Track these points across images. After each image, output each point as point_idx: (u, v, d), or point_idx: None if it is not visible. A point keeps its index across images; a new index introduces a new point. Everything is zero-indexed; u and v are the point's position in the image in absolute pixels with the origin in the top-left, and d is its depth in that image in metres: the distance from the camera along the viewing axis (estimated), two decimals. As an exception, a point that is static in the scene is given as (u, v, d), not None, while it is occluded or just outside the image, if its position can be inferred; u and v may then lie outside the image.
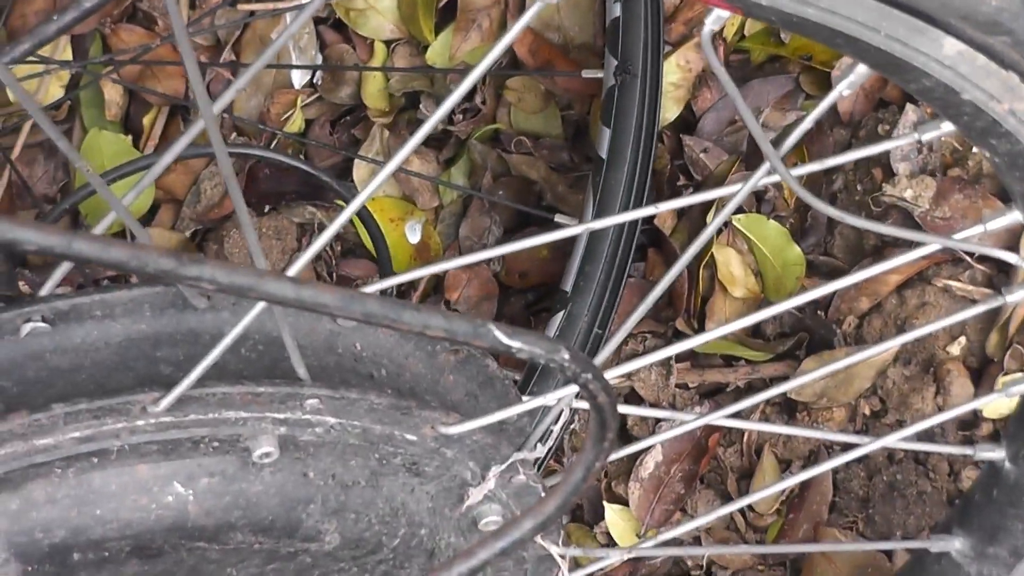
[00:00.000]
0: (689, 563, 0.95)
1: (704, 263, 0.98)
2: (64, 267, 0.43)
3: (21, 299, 0.53)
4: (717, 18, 0.38)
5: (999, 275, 0.92)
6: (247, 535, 0.45)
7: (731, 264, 0.97)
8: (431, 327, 0.30)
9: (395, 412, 0.45)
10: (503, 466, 0.48)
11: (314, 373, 0.44)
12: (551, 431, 0.55)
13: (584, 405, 0.50)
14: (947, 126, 0.46)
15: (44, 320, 0.43)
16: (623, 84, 0.95)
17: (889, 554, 0.91)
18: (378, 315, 0.30)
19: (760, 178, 0.45)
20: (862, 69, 0.40)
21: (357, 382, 0.46)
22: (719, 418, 0.57)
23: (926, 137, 0.47)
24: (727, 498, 0.96)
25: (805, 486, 0.93)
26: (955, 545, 0.62)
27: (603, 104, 0.97)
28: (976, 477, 0.66)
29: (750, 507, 0.95)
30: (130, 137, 1.09)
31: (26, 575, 0.42)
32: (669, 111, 1.03)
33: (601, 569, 0.90)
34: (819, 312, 0.96)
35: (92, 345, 0.43)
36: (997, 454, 0.59)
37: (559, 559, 0.51)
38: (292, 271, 0.42)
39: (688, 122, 1.05)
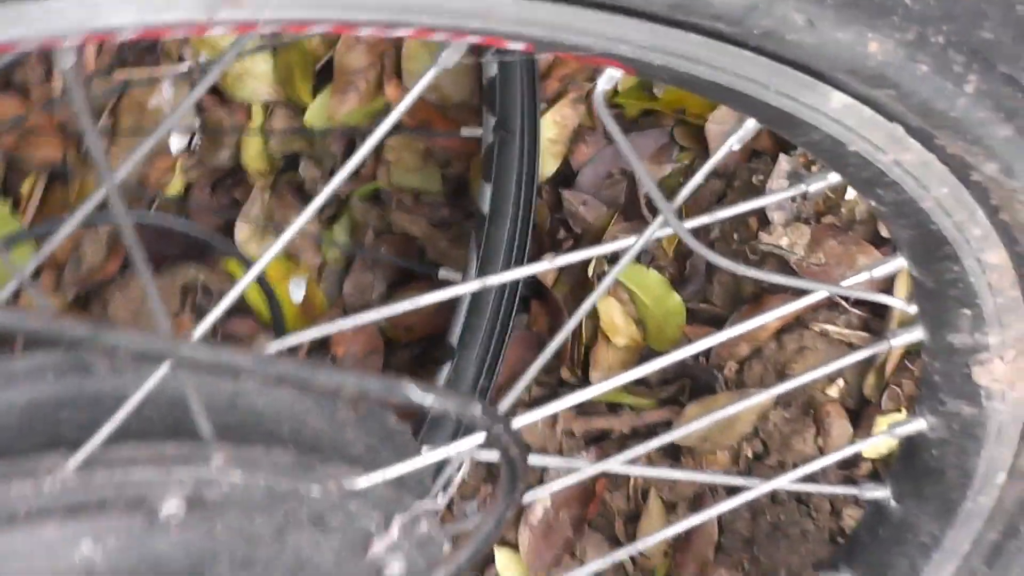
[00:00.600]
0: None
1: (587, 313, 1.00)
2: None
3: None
4: (610, 78, 0.39)
5: (874, 319, 0.97)
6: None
7: (613, 314, 1.00)
8: (346, 386, 0.31)
9: (299, 468, 0.46)
10: (406, 516, 0.48)
11: (218, 432, 0.44)
12: (451, 481, 0.56)
13: (486, 455, 0.51)
14: (833, 177, 0.48)
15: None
16: (502, 141, 0.98)
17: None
18: (293, 376, 0.30)
19: (654, 232, 0.47)
20: (751, 124, 0.43)
21: (260, 440, 0.46)
22: (616, 465, 0.58)
23: (813, 188, 0.50)
24: (615, 541, 0.98)
25: (691, 528, 0.96)
26: (843, 583, 0.65)
27: (483, 161, 0.99)
28: (861, 516, 0.69)
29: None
30: (9, 202, 1.07)
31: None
32: (547, 166, 1.05)
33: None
34: (700, 358, 0.99)
35: (-4, 412, 0.42)
36: (882, 493, 0.62)
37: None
38: (197, 334, 0.41)
39: (566, 176, 1.08)
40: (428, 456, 0.50)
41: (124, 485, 0.39)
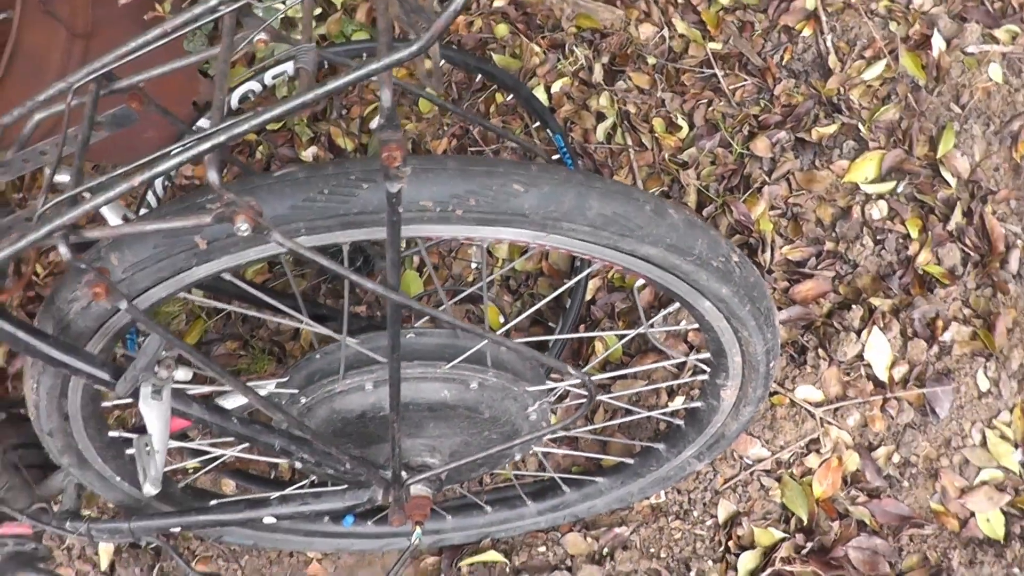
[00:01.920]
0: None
1: None
2: None
3: None
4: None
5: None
6: (463, 410, 1.41)
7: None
8: (525, 354, 1.28)
9: (513, 380, 1.43)
10: (541, 403, 1.46)
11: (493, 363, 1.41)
12: (555, 392, 1.54)
13: (573, 389, 1.50)
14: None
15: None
16: None
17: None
18: (490, 338, 1.28)
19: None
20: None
21: (494, 367, 1.44)
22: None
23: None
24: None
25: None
26: None
27: None
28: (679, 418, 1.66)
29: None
30: None
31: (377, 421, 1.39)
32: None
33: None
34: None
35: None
36: (679, 420, 1.60)
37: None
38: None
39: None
40: (550, 384, 1.47)
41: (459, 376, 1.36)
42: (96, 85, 1.12)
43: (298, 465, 1.53)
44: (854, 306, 1.85)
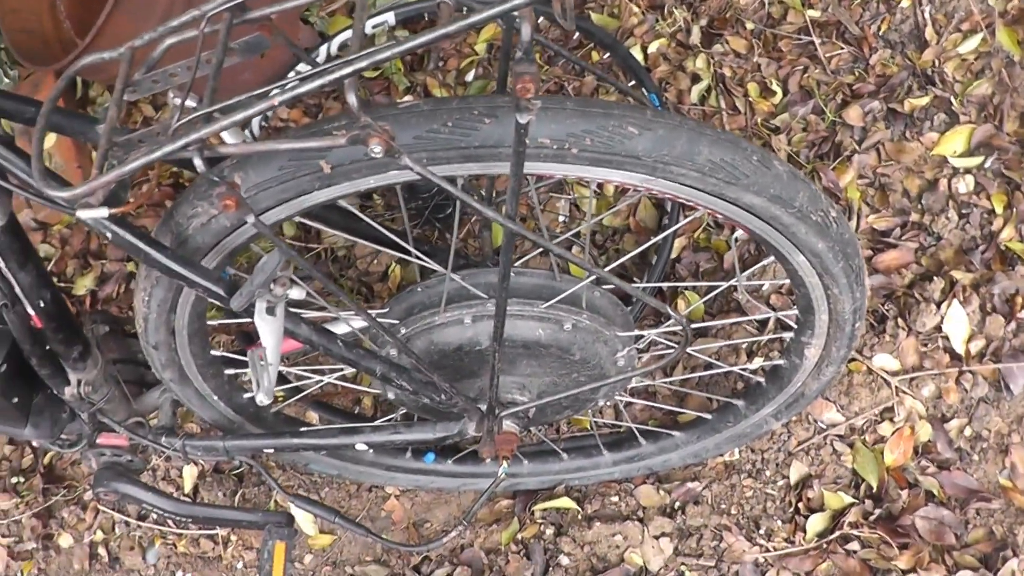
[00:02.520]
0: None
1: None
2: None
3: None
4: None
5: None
6: (556, 350, 1.46)
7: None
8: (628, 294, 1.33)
9: (604, 324, 1.47)
10: (629, 348, 1.50)
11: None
12: (644, 338, 1.57)
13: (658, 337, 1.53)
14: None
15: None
16: None
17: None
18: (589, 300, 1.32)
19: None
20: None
21: (588, 311, 1.48)
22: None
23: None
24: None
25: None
26: None
27: None
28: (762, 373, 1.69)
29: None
30: None
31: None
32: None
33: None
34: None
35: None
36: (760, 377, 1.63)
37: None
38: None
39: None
40: (636, 330, 1.51)
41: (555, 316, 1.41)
42: (230, 14, 1.16)
43: (390, 396, 1.59)
44: (935, 278, 1.86)
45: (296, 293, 1.28)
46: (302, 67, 2.26)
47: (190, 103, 1.16)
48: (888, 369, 1.84)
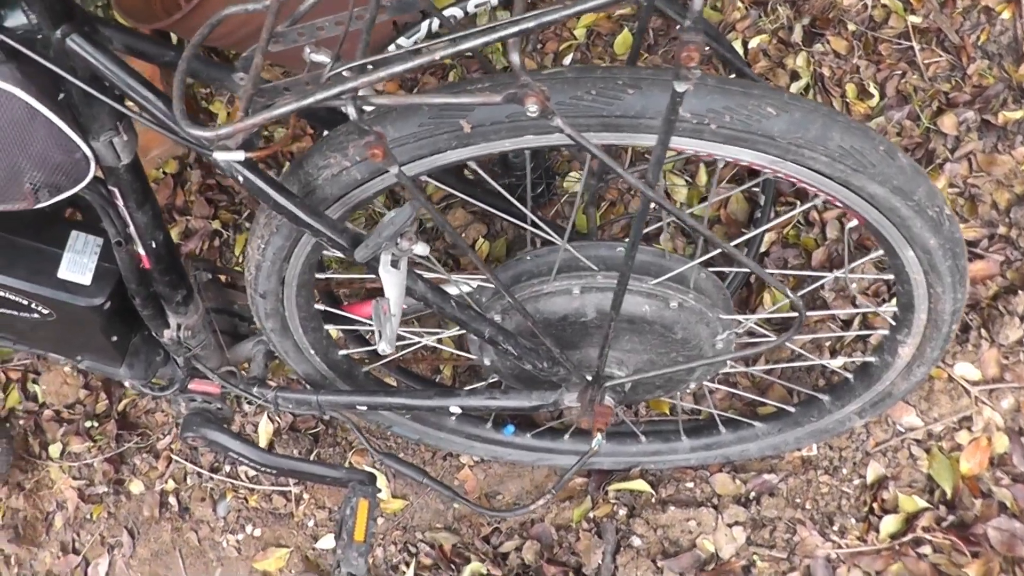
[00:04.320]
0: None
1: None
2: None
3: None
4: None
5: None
6: (659, 327, 1.48)
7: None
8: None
9: (705, 308, 1.49)
10: (726, 324, 1.52)
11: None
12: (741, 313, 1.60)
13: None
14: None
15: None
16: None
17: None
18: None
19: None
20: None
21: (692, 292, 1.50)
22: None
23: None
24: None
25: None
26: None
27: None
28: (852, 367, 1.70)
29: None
30: None
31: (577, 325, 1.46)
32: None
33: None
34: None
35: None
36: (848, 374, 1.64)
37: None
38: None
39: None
40: (735, 313, 1.53)
41: (663, 293, 1.44)
42: (385, -29, 1.19)
43: (486, 363, 1.61)
44: (1021, 292, 1.87)
45: (420, 249, 1.31)
46: (402, 41, 2.29)
47: (322, 58, 1.19)
48: (969, 378, 1.85)
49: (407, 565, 1.99)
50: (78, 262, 1.54)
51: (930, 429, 1.84)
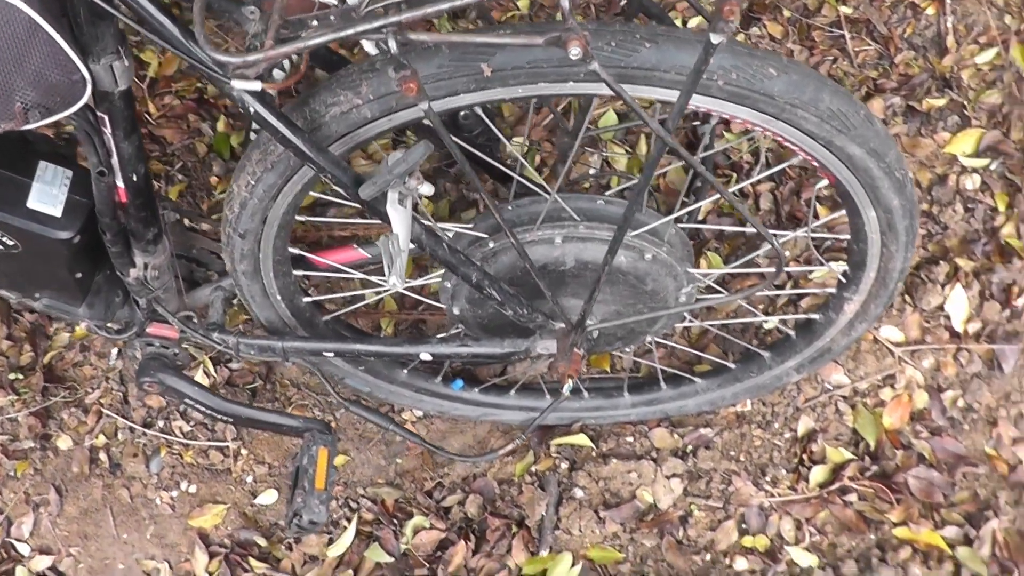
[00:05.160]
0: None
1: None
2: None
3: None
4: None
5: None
6: (632, 278, 1.55)
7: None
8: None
9: (681, 257, 1.57)
10: (698, 282, 1.60)
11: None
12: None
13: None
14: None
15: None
16: None
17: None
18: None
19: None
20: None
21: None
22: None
23: None
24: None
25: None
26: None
27: None
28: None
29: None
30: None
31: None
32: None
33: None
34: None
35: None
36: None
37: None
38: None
39: None
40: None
41: (639, 245, 1.51)
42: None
43: (455, 312, 1.65)
44: (941, 262, 2.02)
45: (426, 189, 1.34)
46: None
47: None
48: (893, 340, 1.99)
49: (348, 521, 2.00)
50: (48, 193, 1.51)
51: (856, 386, 1.98)
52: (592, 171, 2.15)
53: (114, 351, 2.18)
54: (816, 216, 2.04)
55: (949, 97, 2.17)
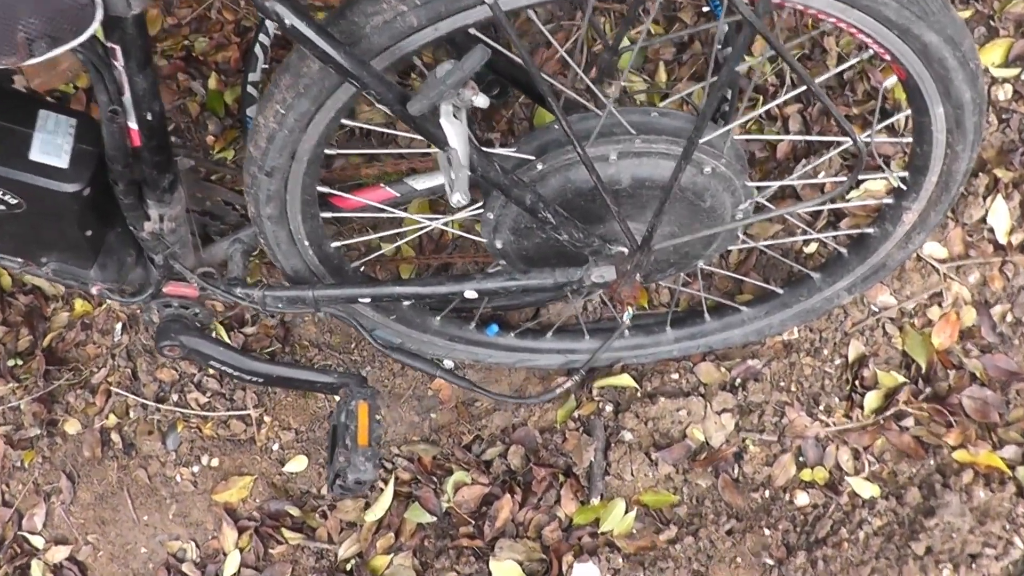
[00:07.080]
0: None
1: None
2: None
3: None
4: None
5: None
6: (690, 194, 1.45)
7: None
8: None
9: (739, 171, 1.48)
10: (755, 197, 1.51)
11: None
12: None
13: None
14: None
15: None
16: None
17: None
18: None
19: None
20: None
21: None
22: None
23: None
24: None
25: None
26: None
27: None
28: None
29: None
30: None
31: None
32: None
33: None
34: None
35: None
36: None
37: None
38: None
39: None
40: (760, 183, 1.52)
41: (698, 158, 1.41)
42: None
43: (498, 245, 1.55)
44: (980, 174, 1.95)
45: (481, 101, 1.24)
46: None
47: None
48: (937, 257, 1.92)
49: (384, 482, 1.90)
50: (52, 143, 1.38)
51: (903, 307, 1.90)
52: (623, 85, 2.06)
53: (118, 326, 2.06)
54: (883, 117, 1.95)
55: (975, 8, 2.10)
